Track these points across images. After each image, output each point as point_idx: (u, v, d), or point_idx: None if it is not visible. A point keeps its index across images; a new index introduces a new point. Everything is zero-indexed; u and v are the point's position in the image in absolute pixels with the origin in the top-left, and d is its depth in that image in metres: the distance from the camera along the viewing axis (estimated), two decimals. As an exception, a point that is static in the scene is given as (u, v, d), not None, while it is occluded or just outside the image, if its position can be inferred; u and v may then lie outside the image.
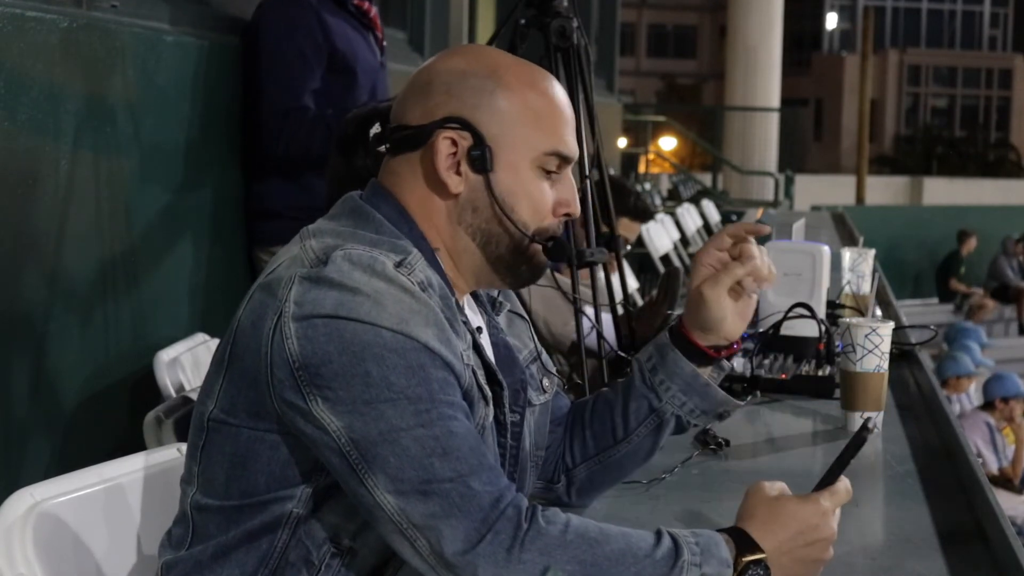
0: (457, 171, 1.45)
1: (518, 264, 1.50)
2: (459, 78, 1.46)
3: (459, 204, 1.47)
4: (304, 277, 1.35)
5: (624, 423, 1.67)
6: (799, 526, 1.35)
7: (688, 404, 1.65)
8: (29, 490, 1.45)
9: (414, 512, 1.29)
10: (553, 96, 1.49)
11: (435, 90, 1.46)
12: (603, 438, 1.69)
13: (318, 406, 1.32)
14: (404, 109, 1.49)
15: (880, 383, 2.17)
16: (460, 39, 6.59)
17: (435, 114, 1.46)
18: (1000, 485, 7.22)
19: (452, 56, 1.51)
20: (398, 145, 1.48)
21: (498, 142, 1.45)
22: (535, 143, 1.47)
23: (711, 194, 13.85)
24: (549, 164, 1.48)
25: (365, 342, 1.31)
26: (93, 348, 2.78)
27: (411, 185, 1.48)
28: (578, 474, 1.71)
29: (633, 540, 1.31)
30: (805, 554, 1.35)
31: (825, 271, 2.77)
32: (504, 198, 1.46)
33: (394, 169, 1.49)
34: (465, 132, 1.45)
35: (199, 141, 3.19)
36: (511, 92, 1.46)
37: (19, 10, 2.45)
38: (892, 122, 40.08)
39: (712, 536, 1.33)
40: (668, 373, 1.64)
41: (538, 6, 2.87)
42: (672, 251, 6.94)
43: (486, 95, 1.45)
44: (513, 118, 1.46)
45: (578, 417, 1.72)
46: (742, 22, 16.92)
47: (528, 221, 1.48)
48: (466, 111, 1.45)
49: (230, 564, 1.41)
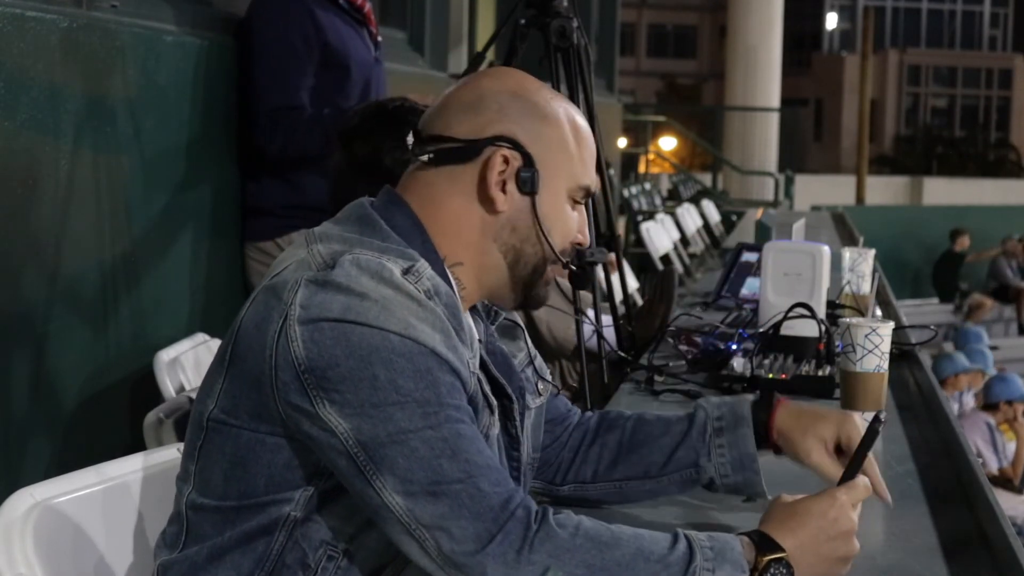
0: (503, 189, 1.49)
1: (535, 285, 1.54)
2: (510, 100, 1.50)
3: (498, 221, 1.50)
4: (311, 280, 1.36)
5: (663, 464, 1.68)
6: (818, 521, 1.36)
7: (731, 478, 1.66)
8: (29, 490, 1.45)
9: (423, 513, 1.29)
10: (588, 133, 1.57)
11: (487, 107, 1.50)
12: (633, 469, 1.70)
13: (325, 409, 1.32)
14: (448, 122, 1.51)
15: (880, 383, 2.17)
16: (460, 39, 6.59)
17: (487, 131, 1.49)
18: (1000, 485, 7.22)
19: (500, 78, 1.55)
20: (443, 156, 1.50)
21: (543, 167, 1.50)
22: (573, 174, 1.53)
23: (711, 194, 13.86)
24: (578, 195, 1.55)
25: (373, 346, 1.31)
26: (93, 348, 2.78)
27: (446, 198, 1.49)
28: (591, 490, 1.72)
29: (646, 544, 1.31)
30: (829, 550, 1.36)
31: (825, 271, 2.77)
32: (543, 221, 1.50)
33: (428, 180, 1.50)
34: (516, 152, 1.48)
35: (199, 141, 3.18)
36: (558, 123, 1.52)
37: (19, 10, 2.45)
38: (892, 122, 40.08)
39: (728, 540, 1.33)
40: (731, 443, 1.66)
41: (538, 6, 2.88)
42: (672, 251, 6.94)
43: (536, 121, 1.50)
44: (559, 146, 1.51)
45: (608, 435, 1.72)
46: (742, 22, 16.93)
47: (557, 245, 1.53)
48: (519, 132, 1.49)
49: (225, 566, 1.41)
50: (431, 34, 5.88)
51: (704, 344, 2.72)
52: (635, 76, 38.64)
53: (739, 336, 2.72)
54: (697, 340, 2.77)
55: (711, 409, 1.69)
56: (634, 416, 1.74)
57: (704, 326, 2.88)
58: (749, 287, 3.53)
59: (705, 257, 7.55)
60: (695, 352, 2.69)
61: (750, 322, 2.97)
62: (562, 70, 2.89)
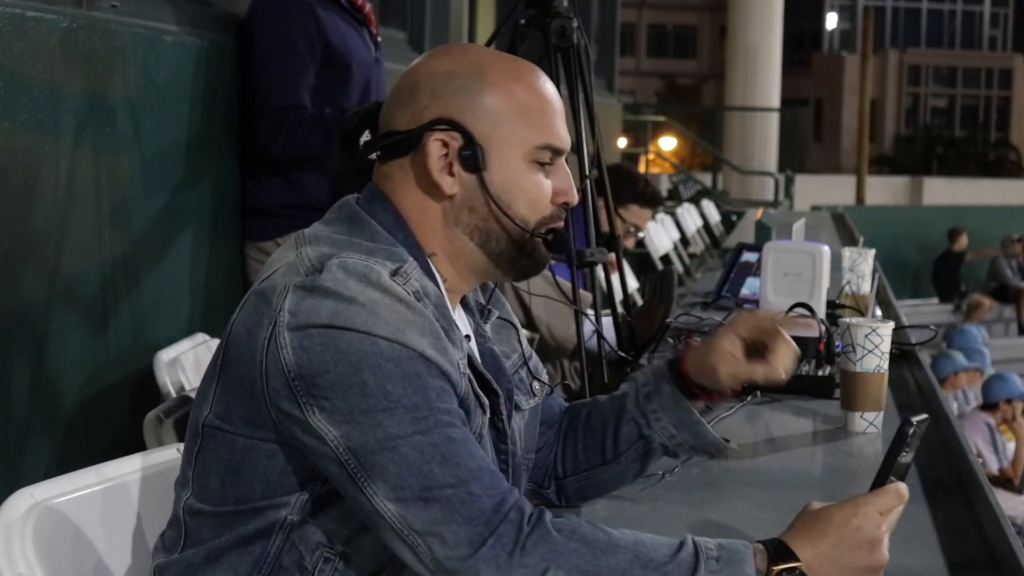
0: (450, 172, 1.45)
1: (519, 258, 1.49)
2: (444, 79, 1.46)
3: (455, 205, 1.46)
4: (299, 286, 1.35)
5: (614, 445, 1.67)
6: (840, 530, 1.30)
7: (678, 438, 1.65)
8: (29, 490, 1.45)
9: (415, 519, 1.29)
10: (540, 89, 1.49)
11: (421, 93, 1.46)
12: (592, 456, 1.69)
13: (315, 416, 1.31)
14: (392, 114, 1.49)
15: (880, 383, 2.17)
16: (460, 39, 6.58)
17: (423, 117, 1.45)
18: (1000, 485, 7.22)
19: (435, 57, 1.51)
20: (388, 151, 1.48)
21: (489, 140, 1.45)
22: (526, 137, 1.46)
23: (711, 194, 13.85)
24: (542, 157, 1.48)
25: (361, 352, 1.30)
26: (93, 348, 2.78)
27: (405, 190, 1.47)
28: (567, 485, 1.71)
29: (645, 550, 1.29)
30: (852, 560, 1.30)
31: (825, 271, 2.77)
32: (500, 195, 1.45)
33: (387, 174, 1.49)
34: (455, 132, 1.44)
35: (199, 141, 3.18)
36: (497, 88, 1.46)
37: (19, 10, 2.45)
38: (892, 122, 40.07)
39: (739, 548, 1.30)
40: (661, 404, 1.65)
41: (538, 6, 2.87)
42: (672, 251, 6.93)
43: (473, 94, 1.45)
44: (501, 114, 1.45)
45: (571, 426, 1.72)
46: (742, 22, 16.91)
47: (526, 215, 1.47)
48: (454, 111, 1.45)
49: (222, 568, 1.41)
50: (431, 34, 5.88)
51: (704, 344, 2.72)
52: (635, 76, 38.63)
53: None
54: (697, 340, 2.77)
55: (640, 378, 1.67)
56: (588, 403, 1.73)
57: (704, 326, 2.88)
58: (749, 287, 3.53)
59: (705, 257, 7.54)
60: (695, 352, 2.68)
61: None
62: (562, 70, 2.89)
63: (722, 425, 2.17)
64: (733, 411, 2.28)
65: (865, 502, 1.32)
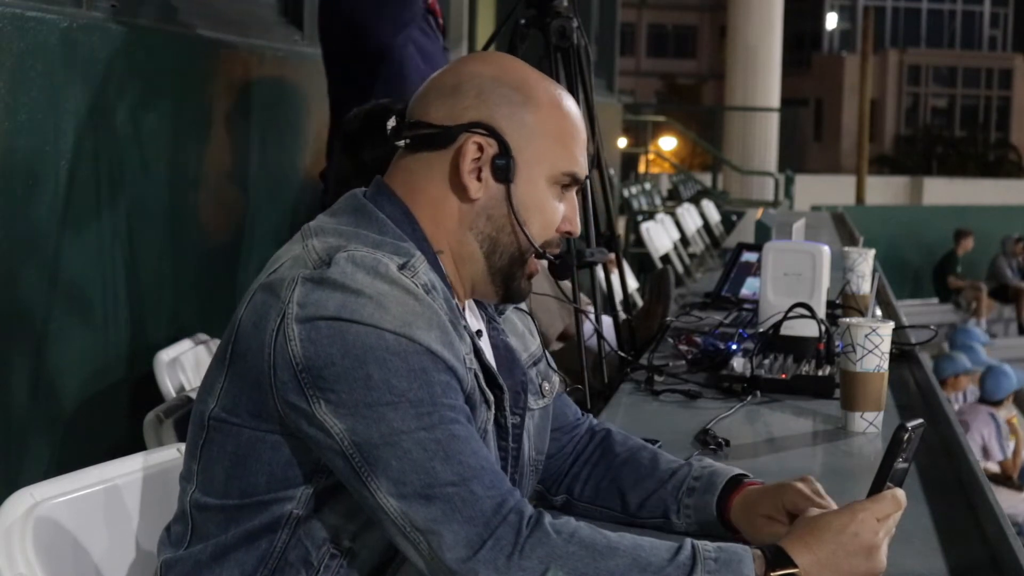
0: (478, 177, 1.46)
1: (515, 277, 1.50)
2: (491, 84, 1.47)
3: (474, 209, 1.47)
4: (307, 278, 1.35)
5: (638, 506, 1.64)
6: (837, 536, 1.31)
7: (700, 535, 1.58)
8: (29, 490, 1.45)
9: (416, 516, 1.29)
10: (576, 118, 1.51)
11: (465, 93, 1.46)
12: (611, 500, 1.66)
13: (321, 408, 1.31)
14: (427, 107, 1.48)
15: (880, 383, 2.16)
16: (460, 39, 6.58)
17: (463, 117, 1.45)
18: (1000, 483, 7.21)
19: (481, 62, 1.52)
20: (418, 142, 1.48)
21: (521, 154, 1.46)
22: (554, 161, 1.48)
23: (711, 194, 13.83)
24: (562, 182, 1.50)
25: (368, 345, 1.31)
26: (93, 348, 2.78)
27: (425, 184, 1.47)
28: (578, 507, 1.69)
29: (644, 553, 1.29)
30: (850, 566, 1.31)
31: (825, 271, 2.77)
32: (519, 210, 1.46)
33: (408, 167, 1.49)
34: (492, 139, 1.45)
35: (199, 140, 3.18)
36: (541, 108, 1.47)
37: (19, 10, 2.45)
38: (892, 122, 40.05)
39: (738, 552, 1.30)
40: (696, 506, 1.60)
41: (538, 6, 2.87)
42: (672, 251, 6.93)
43: (516, 106, 1.46)
44: (538, 133, 1.47)
45: (603, 459, 1.69)
46: (742, 22, 16.91)
47: (537, 235, 1.49)
48: (495, 119, 1.45)
49: (229, 564, 1.41)
50: (431, 34, 5.88)
51: (704, 344, 2.72)
52: (635, 76, 38.60)
53: (739, 336, 2.72)
54: (697, 340, 2.77)
55: (696, 468, 1.63)
56: (631, 448, 1.69)
57: (704, 326, 2.88)
58: (749, 287, 3.53)
59: (705, 257, 7.54)
60: (695, 352, 2.69)
61: (750, 322, 2.97)
62: (562, 70, 2.89)
63: (722, 425, 2.18)
64: (733, 411, 2.28)
65: (863, 508, 1.33)
